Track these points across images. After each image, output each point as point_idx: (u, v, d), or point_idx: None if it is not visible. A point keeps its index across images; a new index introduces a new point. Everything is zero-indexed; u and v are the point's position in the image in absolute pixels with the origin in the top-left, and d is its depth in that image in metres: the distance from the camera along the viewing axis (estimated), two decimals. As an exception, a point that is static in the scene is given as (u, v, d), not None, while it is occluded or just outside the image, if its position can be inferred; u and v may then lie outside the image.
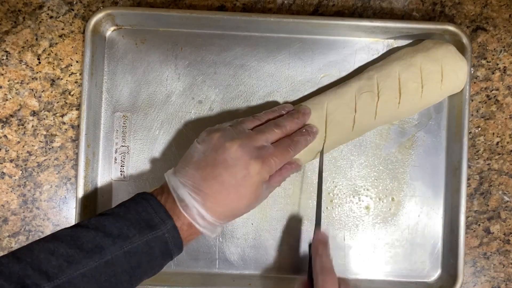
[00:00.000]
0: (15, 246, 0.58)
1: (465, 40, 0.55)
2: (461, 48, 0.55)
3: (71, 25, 0.58)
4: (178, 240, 0.45)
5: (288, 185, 0.58)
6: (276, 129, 0.49)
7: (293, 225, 0.58)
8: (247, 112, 0.58)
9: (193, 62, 0.58)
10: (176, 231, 0.44)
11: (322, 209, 0.53)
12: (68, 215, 0.58)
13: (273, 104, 0.58)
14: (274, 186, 0.50)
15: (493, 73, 0.60)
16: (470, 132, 0.59)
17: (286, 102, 0.58)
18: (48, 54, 0.58)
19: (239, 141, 0.46)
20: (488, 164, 0.60)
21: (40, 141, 0.58)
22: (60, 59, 0.58)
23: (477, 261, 0.60)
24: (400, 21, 0.57)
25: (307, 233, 0.58)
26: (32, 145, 0.58)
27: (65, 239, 0.42)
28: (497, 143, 0.60)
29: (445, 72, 0.53)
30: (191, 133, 0.58)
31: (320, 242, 0.49)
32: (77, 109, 0.58)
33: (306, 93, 0.58)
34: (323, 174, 0.54)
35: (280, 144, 0.49)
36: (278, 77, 0.58)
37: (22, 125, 0.58)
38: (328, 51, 0.58)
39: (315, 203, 0.58)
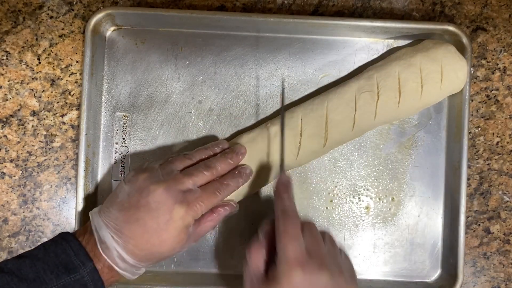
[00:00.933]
0: (15, 246, 0.58)
1: (465, 40, 0.55)
2: (461, 48, 0.55)
3: (71, 25, 0.58)
4: (99, 282, 0.43)
5: (288, 185, 0.58)
6: (206, 171, 0.48)
7: (293, 225, 0.58)
8: (247, 112, 0.58)
9: (193, 62, 0.58)
10: (97, 274, 0.43)
11: (285, 155, 0.51)
12: (68, 215, 0.58)
13: (273, 104, 0.58)
14: (204, 230, 0.48)
15: (493, 73, 0.60)
16: (470, 132, 0.60)
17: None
18: (48, 54, 0.58)
19: (164, 184, 0.45)
20: (488, 164, 0.60)
21: (40, 141, 0.58)
22: (60, 59, 0.58)
23: (477, 261, 0.60)
24: (400, 21, 0.57)
25: (307, 233, 0.58)
26: (32, 145, 0.58)
27: None
28: (497, 143, 0.60)
29: (445, 72, 0.53)
30: (191, 133, 0.58)
31: (282, 184, 0.47)
32: (77, 109, 0.58)
33: (306, 93, 0.58)
34: (326, 174, 0.53)
35: (208, 188, 0.47)
36: (278, 77, 0.58)
37: (22, 125, 0.58)
38: (328, 51, 0.58)
39: (315, 203, 0.58)
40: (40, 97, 0.58)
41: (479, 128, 0.60)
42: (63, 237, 0.45)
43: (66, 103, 0.58)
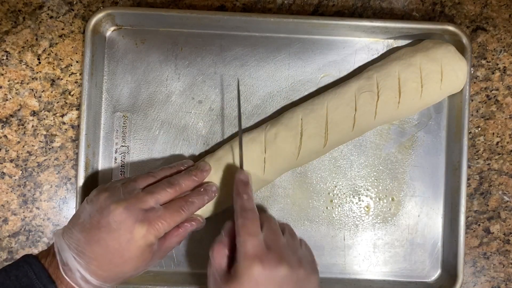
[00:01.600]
0: (15, 246, 0.58)
1: (465, 40, 0.55)
2: (461, 48, 0.55)
3: (71, 25, 0.58)
4: None
5: (288, 185, 0.58)
6: (169, 188, 0.47)
7: (293, 225, 0.58)
8: (247, 112, 0.58)
9: (193, 62, 0.58)
10: None
11: (243, 150, 0.51)
12: (68, 215, 0.58)
13: (273, 104, 0.58)
14: (170, 246, 0.48)
15: (493, 73, 0.60)
16: (470, 132, 0.60)
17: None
18: (48, 54, 0.58)
19: (125, 203, 0.44)
20: (488, 164, 0.60)
21: (40, 141, 0.58)
22: (60, 59, 0.58)
23: (477, 261, 0.60)
24: (400, 21, 0.57)
25: (307, 233, 0.58)
26: (32, 145, 0.58)
27: None
28: (497, 143, 0.60)
29: (444, 72, 0.53)
30: (191, 133, 0.58)
31: (241, 181, 0.48)
32: (77, 109, 0.58)
33: (306, 93, 0.58)
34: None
35: (172, 206, 0.47)
36: (278, 77, 0.58)
37: (22, 125, 0.58)
38: (328, 51, 0.58)
39: (315, 203, 0.58)
40: (40, 97, 0.58)
41: (479, 128, 0.60)
42: (26, 260, 0.44)
43: (66, 103, 0.58)
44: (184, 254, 0.57)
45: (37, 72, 0.58)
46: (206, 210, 0.52)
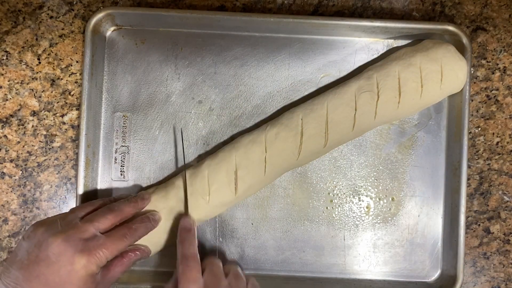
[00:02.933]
0: (15, 246, 0.58)
1: (465, 40, 0.55)
2: (461, 48, 0.55)
3: (71, 25, 0.58)
4: None
5: (288, 185, 0.58)
6: (109, 215, 0.46)
7: (293, 225, 0.58)
8: (247, 112, 0.58)
9: (193, 62, 0.58)
10: None
11: (190, 198, 0.52)
12: (68, 215, 0.58)
13: (273, 104, 0.58)
14: (114, 276, 0.47)
15: (493, 73, 0.60)
16: (470, 132, 0.60)
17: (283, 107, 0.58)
18: (48, 54, 0.58)
19: (63, 235, 0.43)
20: (488, 164, 0.60)
21: (40, 141, 0.58)
22: (60, 59, 0.58)
23: (477, 261, 0.60)
24: (400, 21, 0.57)
25: (307, 233, 0.58)
26: (32, 145, 0.58)
27: None
28: (497, 143, 0.60)
29: (444, 72, 0.53)
30: (191, 133, 0.58)
31: (183, 228, 0.48)
32: (77, 109, 0.58)
33: (306, 93, 0.58)
34: (323, 173, 0.53)
35: (114, 233, 0.46)
36: (278, 77, 0.58)
37: (22, 125, 0.58)
38: (328, 51, 0.58)
39: (315, 203, 0.58)
40: (40, 97, 0.58)
41: (479, 128, 0.60)
42: None
43: (66, 103, 0.58)
44: (184, 254, 0.57)
45: (37, 72, 0.58)
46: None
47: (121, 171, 0.57)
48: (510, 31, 0.60)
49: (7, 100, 0.58)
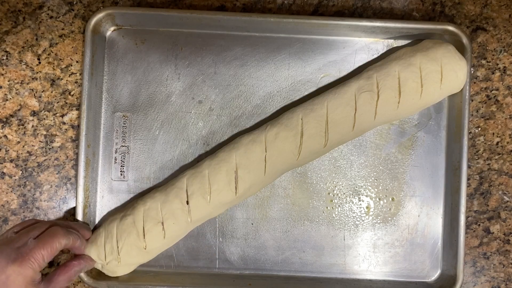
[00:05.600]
0: None
1: (465, 40, 0.55)
2: (461, 48, 0.55)
3: (71, 25, 0.58)
4: None
5: (288, 185, 0.58)
6: (43, 224, 0.47)
7: (293, 225, 0.58)
8: (247, 112, 0.58)
9: (193, 62, 0.58)
10: None
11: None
12: (68, 215, 0.58)
13: (273, 104, 0.58)
14: (60, 285, 0.47)
15: (493, 73, 0.60)
16: (470, 132, 0.59)
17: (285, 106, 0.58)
18: (48, 54, 0.58)
19: None
20: (488, 164, 0.60)
21: (40, 141, 0.58)
22: (60, 59, 0.58)
23: (477, 261, 0.60)
24: (400, 21, 0.57)
25: (307, 233, 0.58)
26: (32, 145, 0.58)
27: None
28: (497, 143, 0.60)
29: (444, 72, 0.53)
30: (191, 133, 0.58)
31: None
32: (77, 109, 0.58)
33: (306, 93, 0.58)
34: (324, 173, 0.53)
35: (44, 234, 0.46)
36: (278, 77, 0.58)
37: (22, 125, 0.58)
38: (328, 51, 0.58)
39: (315, 203, 0.58)
40: (40, 97, 0.58)
41: (479, 128, 0.60)
42: None
43: (66, 103, 0.58)
44: (184, 254, 0.57)
45: (37, 72, 0.58)
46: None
47: (121, 171, 0.57)
48: (510, 31, 0.60)
49: (7, 100, 0.58)
